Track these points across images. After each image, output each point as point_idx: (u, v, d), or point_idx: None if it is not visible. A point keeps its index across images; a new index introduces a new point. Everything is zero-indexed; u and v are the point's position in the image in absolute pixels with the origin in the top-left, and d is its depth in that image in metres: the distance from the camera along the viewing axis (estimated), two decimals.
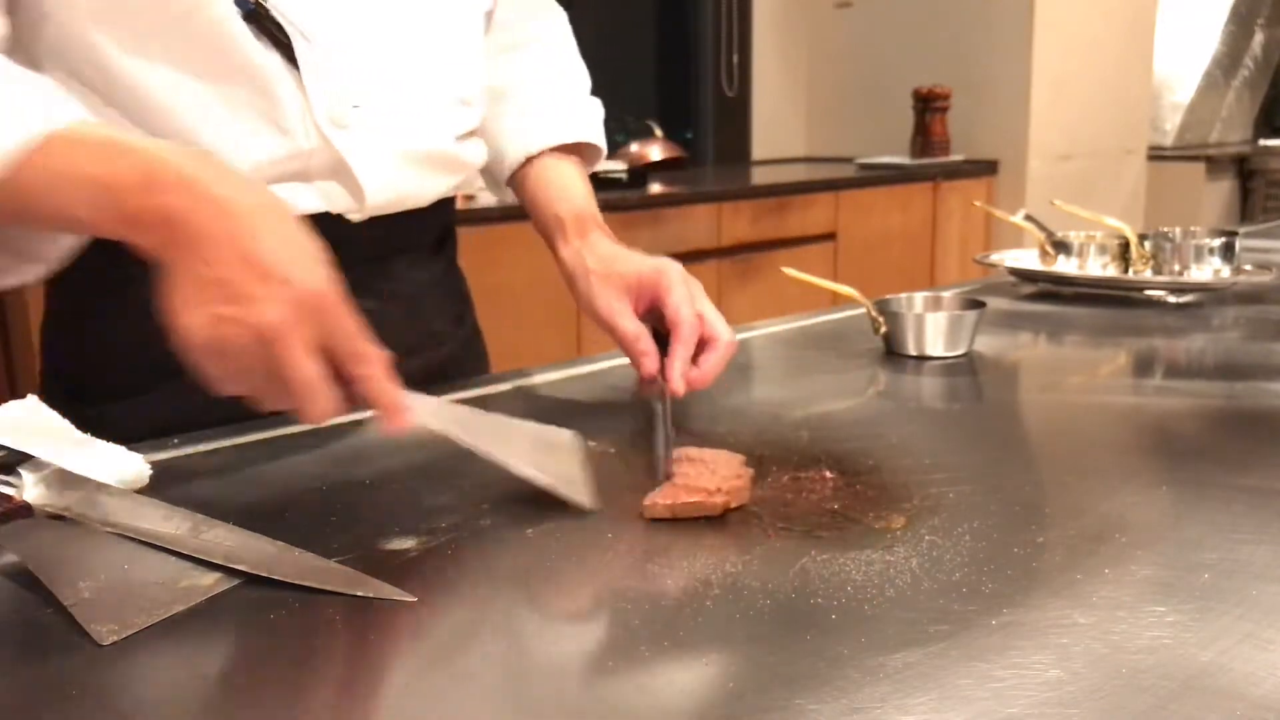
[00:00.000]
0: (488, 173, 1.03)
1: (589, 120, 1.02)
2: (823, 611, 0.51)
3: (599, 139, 1.03)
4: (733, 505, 0.65)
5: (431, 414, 0.66)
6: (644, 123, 3.43)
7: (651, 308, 0.88)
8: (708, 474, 0.67)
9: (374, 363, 0.60)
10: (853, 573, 0.56)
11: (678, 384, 0.82)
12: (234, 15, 0.75)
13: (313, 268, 0.58)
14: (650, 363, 0.85)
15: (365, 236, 0.85)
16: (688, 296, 0.86)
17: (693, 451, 0.71)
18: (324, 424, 0.60)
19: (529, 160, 0.99)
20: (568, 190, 0.97)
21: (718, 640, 0.49)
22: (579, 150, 1.02)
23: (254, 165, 0.78)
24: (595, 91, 1.07)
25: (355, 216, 0.84)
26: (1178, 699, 0.43)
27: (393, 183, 0.85)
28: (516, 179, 1.00)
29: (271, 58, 0.77)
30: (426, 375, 0.93)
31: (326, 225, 0.73)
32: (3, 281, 0.76)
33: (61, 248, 0.76)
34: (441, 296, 1.00)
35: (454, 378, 0.98)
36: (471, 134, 0.95)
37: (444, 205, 0.96)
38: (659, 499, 0.64)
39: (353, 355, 0.59)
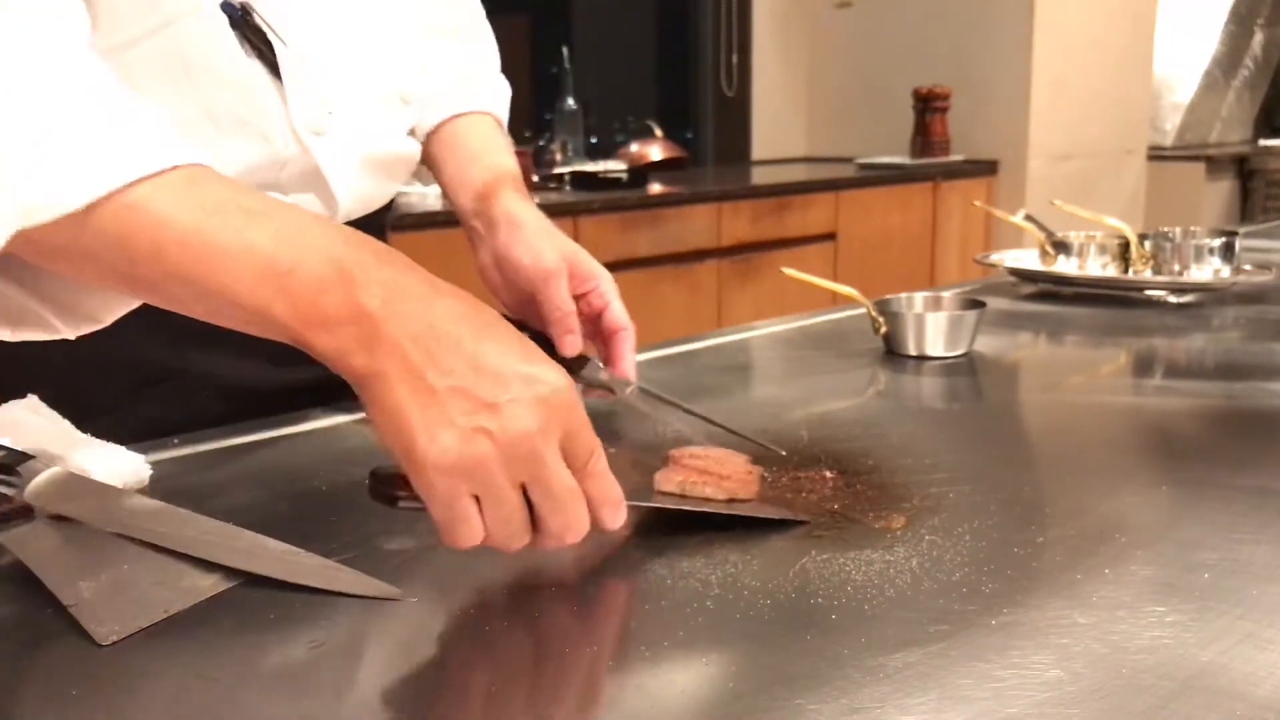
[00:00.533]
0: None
1: (497, 94, 0.99)
2: (823, 611, 0.51)
3: (503, 114, 0.98)
4: (740, 496, 0.64)
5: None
6: (644, 123, 3.43)
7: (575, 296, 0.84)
8: (715, 465, 0.66)
9: (602, 457, 0.53)
10: (853, 573, 0.56)
11: (626, 372, 0.84)
12: (221, 22, 0.74)
13: (545, 364, 0.51)
14: (574, 344, 0.82)
15: None
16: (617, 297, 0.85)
17: (698, 450, 0.71)
18: (573, 541, 0.53)
19: (439, 126, 0.94)
20: (487, 146, 0.93)
21: (718, 640, 0.49)
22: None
23: (233, 175, 0.76)
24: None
25: None
26: (1177, 699, 0.43)
27: (360, 189, 0.84)
28: (429, 146, 0.95)
29: (254, 65, 0.76)
30: None
31: None
32: (34, 333, 0.58)
33: (124, 305, 0.60)
34: None
35: None
36: (410, 131, 0.92)
37: (385, 207, 0.94)
38: (671, 474, 0.63)
39: (589, 451, 0.52)
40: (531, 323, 0.84)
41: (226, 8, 0.74)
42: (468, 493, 0.49)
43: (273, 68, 0.76)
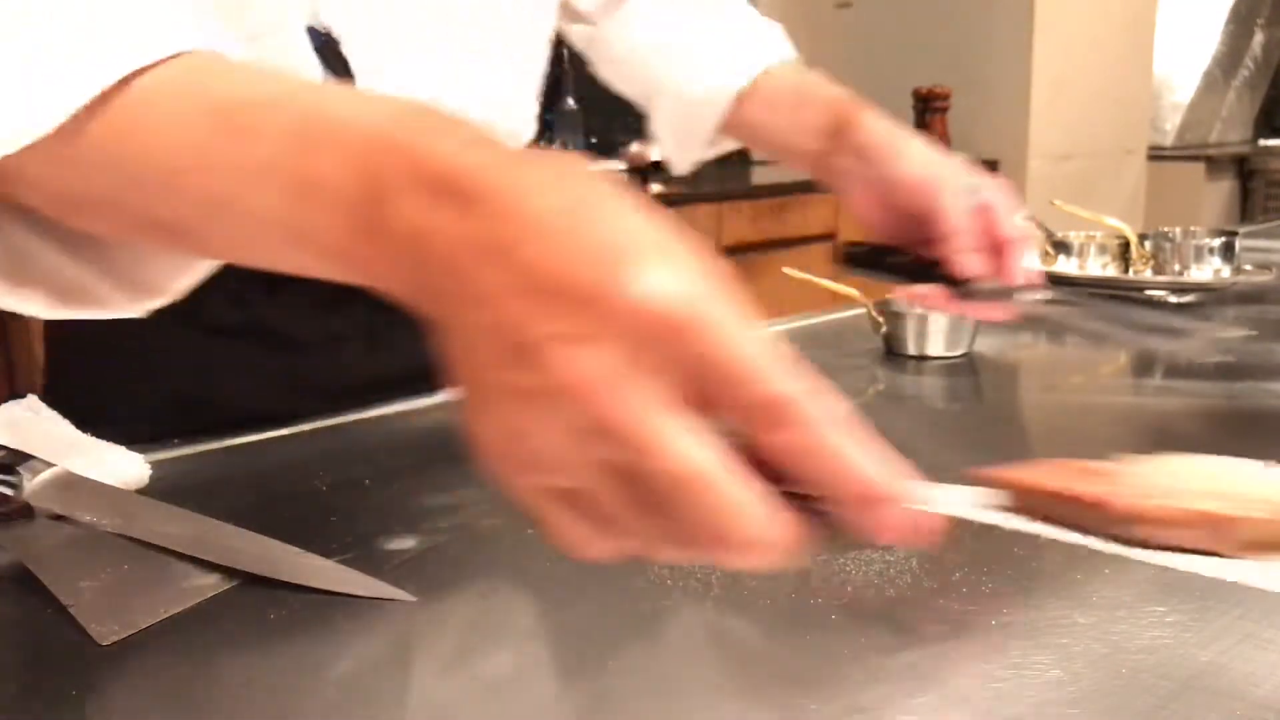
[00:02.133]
0: (690, 133, 0.92)
1: (781, 41, 0.89)
2: (823, 611, 0.51)
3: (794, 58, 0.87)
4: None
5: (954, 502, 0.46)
6: (644, 122, 3.42)
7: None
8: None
9: (804, 408, 0.32)
10: (853, 573, 0.56)
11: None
12: (305, 44, 0.69)
13: (646, 262, 0.31)
14: (973, 262, 0.74)
15: None
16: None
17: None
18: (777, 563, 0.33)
19: (738, 97, 0.84)
20: (803, 86, 0.84)
21: (718, 641, 0.49)
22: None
23: None
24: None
25: None
26: (1177, 699, 0.43)
27: None
28: (739, 118, 0.86)
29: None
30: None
31: None
32: (85, 310, 0.48)
33: (190, 270, 0.49)
34: None
35: None
36: None
37: None
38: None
39: (749, 399, 0.31)
40: (922, 251, 0.75)
41: (313, 33, 0.69)
42: (542, 488, 0.34)
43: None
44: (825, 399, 0.32)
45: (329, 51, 0.71)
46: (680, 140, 0.94)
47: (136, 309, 0.49)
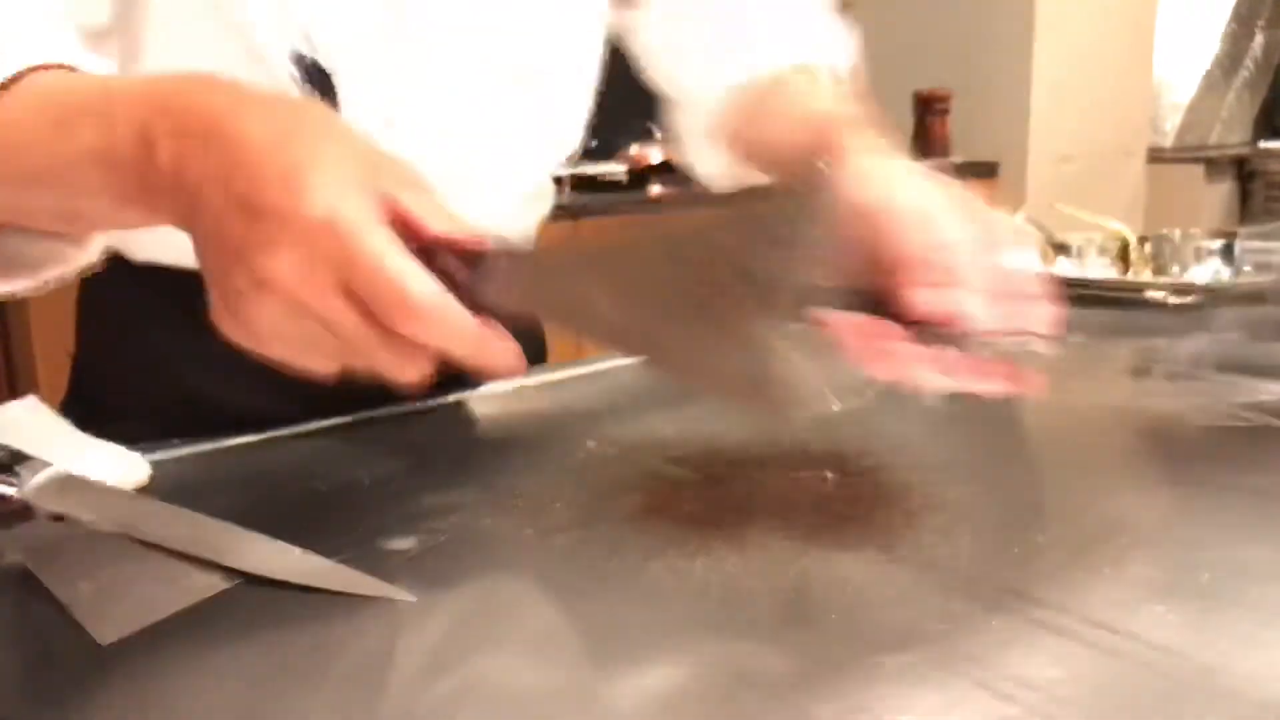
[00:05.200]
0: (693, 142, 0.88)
1: (819, 41, 0.81)
2: (822, 611, 0.51)
3: (834, 61, 0.78)
4: None
5: None
6: (644, 125, 3.42)
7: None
8: None
9: (415, 299, 0.44)
10: (852, 572, 0.56)
11: None
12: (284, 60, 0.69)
13: (318, 184, 0.43)
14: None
15: None
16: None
17: None
18: (408, 380, 0.48)
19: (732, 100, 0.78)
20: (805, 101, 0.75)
21: (716, 642, 0.49)
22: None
23: None
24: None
25: None
26: (1176, 700, 0.43)
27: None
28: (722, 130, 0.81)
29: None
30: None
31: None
32: (58, 268, 0.59)
33: (71, 258, 0.58)
34: None
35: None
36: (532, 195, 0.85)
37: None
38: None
39: (378, 298, 0.44)
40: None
41: (300, 62, 0.69)
42: (272, 348, 0.46)
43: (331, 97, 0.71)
44: (431, 291, 0.44)
45: (319, 80, 0.70)
46: (692, 146, 0.91)
47: (92, 256, 0.59)
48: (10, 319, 2.21)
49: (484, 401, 0.91)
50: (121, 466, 0.67)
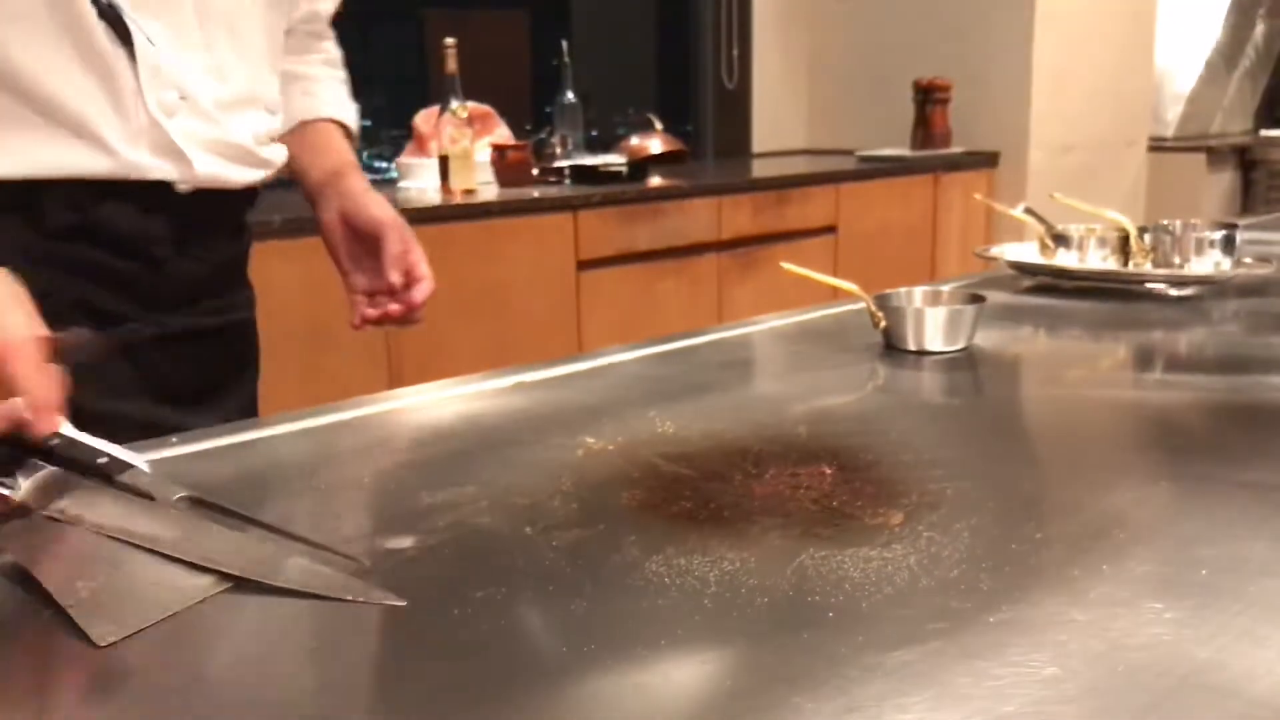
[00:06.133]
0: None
1: (351, 111, 1.22)
2: (820, 610, 0.51)
3: (355, 125, 1.22)
4: None
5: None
6: (644, 115, 3.42)
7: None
8: None
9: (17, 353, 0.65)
10: (850, 570, 0.56)
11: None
12: (91, 12, 0.86)
13: None
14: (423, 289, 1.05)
15: (192, 206, 0.97)
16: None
17: None
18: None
19: (302, 125, 1.16)
20: (332, 148, 1.16)
21: (715, 639, 0.49)
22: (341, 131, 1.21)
23: (109, 138, 0.89)
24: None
25: (183, 187, 0.95)
26: (1174, 696, 0.43)
27: (213, 167, 0.97)
28: (292, 141, 1.15)
29: (117, 52, 0.89)
30: (221, 331, 1.05)
31: (164, 193, 0.93)
32: None
33: None
34: (236, 272, 1.10)
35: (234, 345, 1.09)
36: (273, 140, 1.08)
37: (248, 194, 1.06)
38: None
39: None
40: (364, 271, 1.08)
41: (96, 3, 0.87)
42: None
43: (132, 56, 0.89)
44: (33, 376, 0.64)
45: (110, 16, 0.87)
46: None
47: None
48: None
49: (483, 397, 0.91)
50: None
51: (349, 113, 1.23)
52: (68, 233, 0.90)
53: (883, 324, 1.04)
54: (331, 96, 1.21)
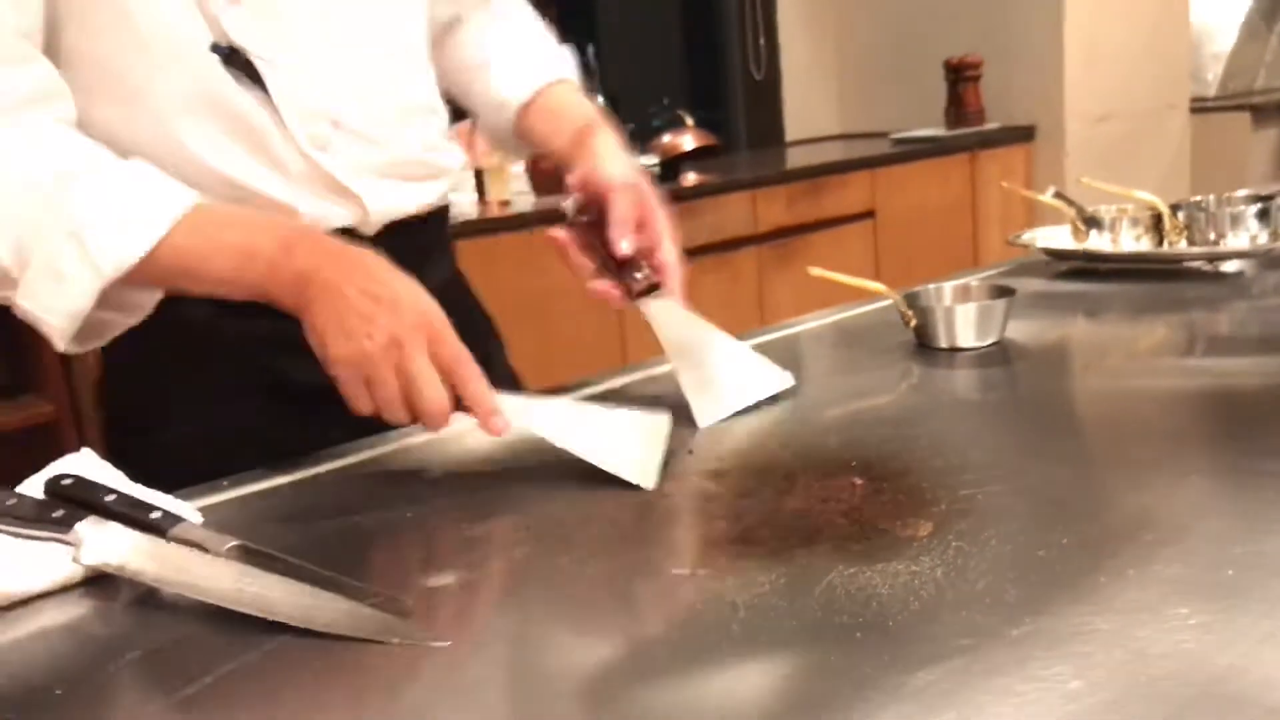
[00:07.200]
0: (497, 135, 1.14)
1: (567, 62, 1.13)
2: (847, 630, 0.53)
3: (576, 77, 1.13)
4: None
5: (520, 412, 0.77)
6: (675, 113, 3.42)
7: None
8: None
9: (469, 369, 0.74)
10: (879, 586, 0.57)
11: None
12: (213, 60, 0.83)
13: (417, 295, 0.75)
14: (628, 244, 0.92)
15: (385, 244, 0.86)
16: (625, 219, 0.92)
17: None
18: (441, 427, 0.74)
19: (529, 101, 1.08)
20: (571, 110, 1.08)
21: (743, 665, 0.51)
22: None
23: (263, 198, 0.87)
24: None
25: (366, 230, 0.93)
26: (1195, 706, 0.44)
27: (387, 196, 0.93)
28: (521, 122, 1.09)
29: (249, 95, 0.85)
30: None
31: (347, 242, 0.82)
32: (107, 335, 0.85)
33: (155, 298, 0.85)
34: (453, 299, 1.02)
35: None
36: (447, 141, 1.03)
37: (441, 214, 1.04)
38: None
39: (453, 360, 0.73)
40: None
41: (216, 49, 0.83)
42: (359, 379, 0.73)
43: (268, 93, 0.85)
44: (474, 365, 0.75)
45: (235, 61, 0.84)
46: (495, 140, 1.18)
47: (132, 321, 0.85)
48: (75, 364, 2.27)
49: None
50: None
51: (566, 64, 1.12)
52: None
53: (913, 323, 1.05)
54: (539, 55, 1.12)
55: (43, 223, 0.74)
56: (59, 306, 0.75)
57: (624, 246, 0.90)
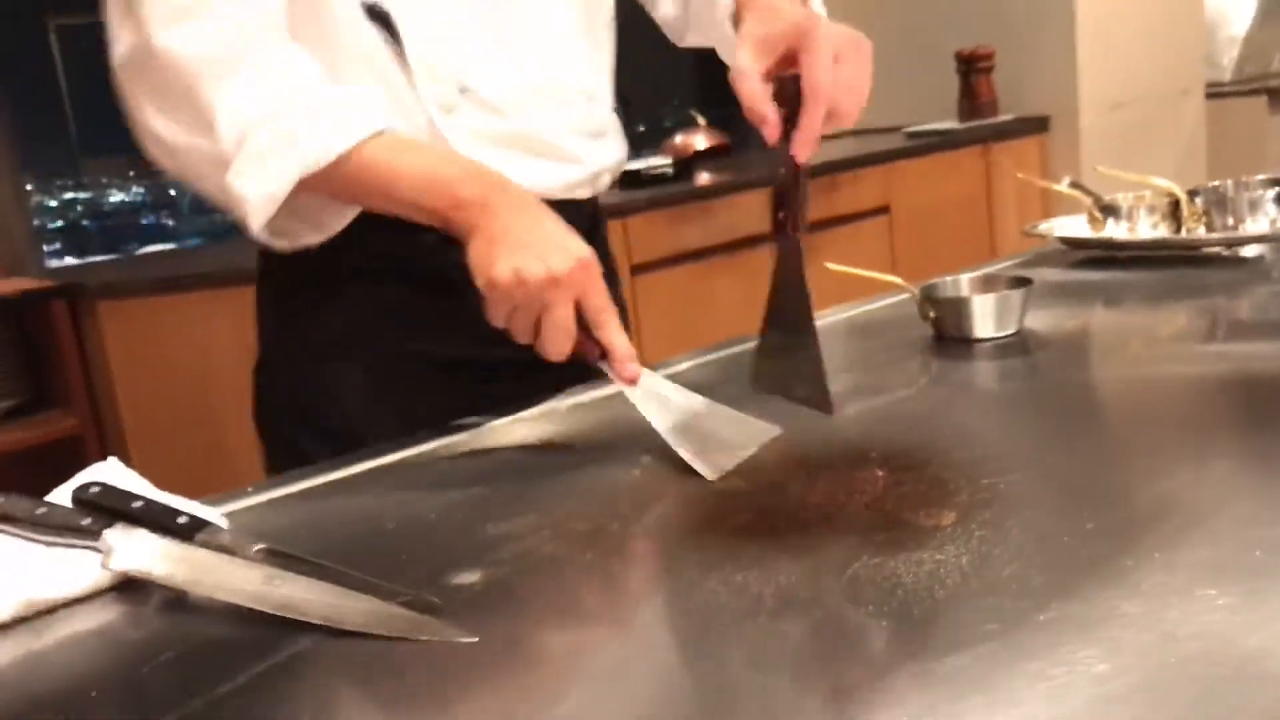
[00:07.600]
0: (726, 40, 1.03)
1: None
2: (873, 619, 0.53)
3: None
4: None
5: (644, 375, 0.83)
6: (687, 112, 3.43)
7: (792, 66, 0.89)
8: None
9: (613, 319, 0.81)
10: (903, 575, 0.57)
11: (796, 149, 0.95)
12: (359, 13, 0.91)
13: (580, 244, 0.81)
14: (770, 132, 0.92)
15: None
16: (823, 61, 0.87)
17: None
18: (558, 358, 0.80)
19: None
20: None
21: (769, 657, 0.51)
22: None
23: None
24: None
25: None
26: (1225, 686, 0.44)
27: (500, 164, 0.90)
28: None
29: (387, 50, 0.92)
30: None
31: None
32: (288, 244, 0.94)
33: (344, 218, 0.94)
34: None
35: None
36: (601, 133, 1.05)
37: (573, 205, 1.00)
38: None
39: (600, 309, 0.80)
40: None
41: (371, 11, 0.91)
42: (510, 301, 0.79)
43: (402, 50, 0.92)
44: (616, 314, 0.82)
45: (374, 14, 0.91)
46: (715, 38, 1.17)
47: (313, 240, 0.95)
48: (93, 373, 2.30)
49: (540, 421, 0.93)
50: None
51: None
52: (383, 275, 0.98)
53: (931, 315, 1.05)
54: None
55: (266, 116, 0.84)
56: (261, 190, 0.84)
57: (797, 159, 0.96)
